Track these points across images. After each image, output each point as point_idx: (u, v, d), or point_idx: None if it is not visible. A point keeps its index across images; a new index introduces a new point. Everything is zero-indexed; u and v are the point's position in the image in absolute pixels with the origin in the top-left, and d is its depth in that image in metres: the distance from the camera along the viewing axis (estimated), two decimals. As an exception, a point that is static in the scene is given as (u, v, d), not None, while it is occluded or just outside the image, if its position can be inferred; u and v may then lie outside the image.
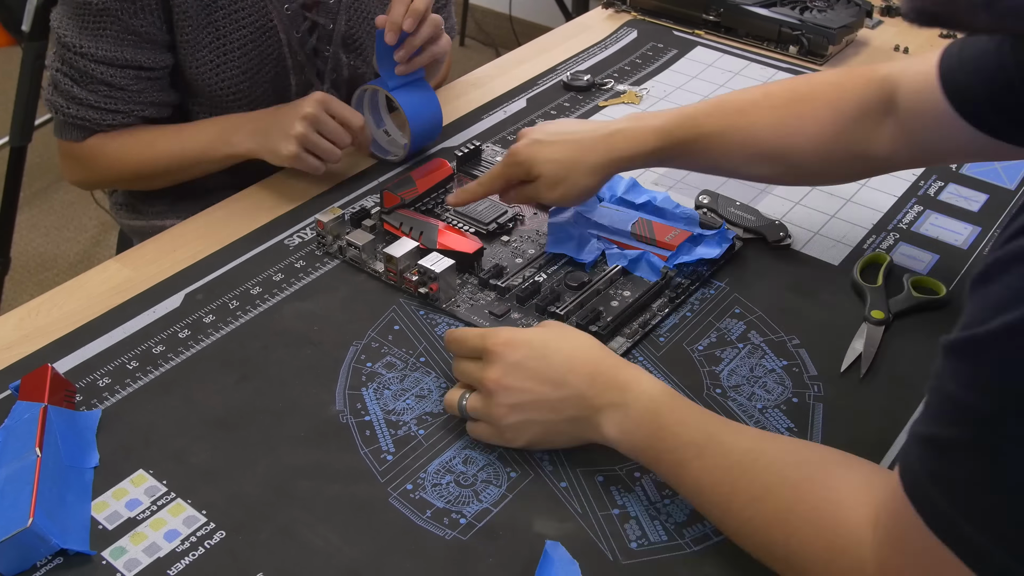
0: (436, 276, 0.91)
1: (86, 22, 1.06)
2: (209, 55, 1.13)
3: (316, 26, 1.18)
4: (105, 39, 1.07)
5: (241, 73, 1.15)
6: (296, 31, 1.16)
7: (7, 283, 2.10)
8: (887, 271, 0.96)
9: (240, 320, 0.91)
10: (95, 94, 1.10)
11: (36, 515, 0.67)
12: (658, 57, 1.41)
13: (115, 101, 1.11)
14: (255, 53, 1.14)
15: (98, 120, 1.12)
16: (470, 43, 3.44)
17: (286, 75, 1.18)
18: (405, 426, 0.81)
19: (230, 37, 1.12)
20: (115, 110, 1.11)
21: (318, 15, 1.17)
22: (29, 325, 0.91)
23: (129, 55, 1.08)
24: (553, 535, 0.72)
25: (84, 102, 1.10)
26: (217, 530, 0.72)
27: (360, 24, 1.22)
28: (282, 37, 1.15)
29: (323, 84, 1.21)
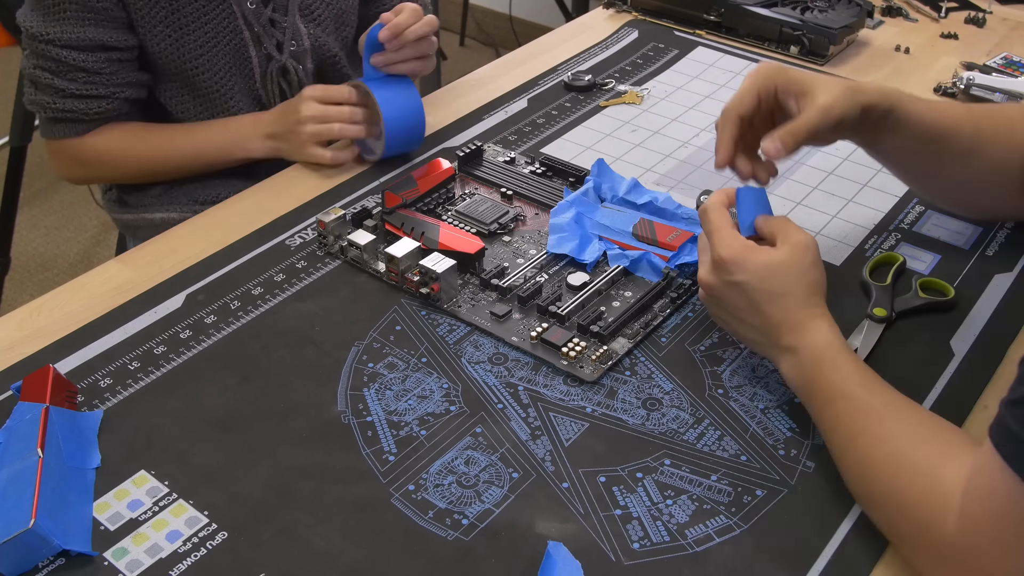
0: (437, 276, 0.91)
1: (47, 9, 1.08)
2: (165, 30, 1.13)
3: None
4: (67, 22, 1.08)
5: (199, 47, 1.15)
6: (249, 2, 1.16)
7: (7, 283, 2.10)
8: (898, 271, 0.96)
9: (241, 320, 0.91)
10: (74, 82, 1.11)
11: (38, 516, 0.67)
12: (659, 57, 1.41)
13: (95, 86, 1.12)
14: (210, 27, 1.15)
15: (84, 109, 1.12)
16: (470, 43, 3.44)
17: (245, 47, 1.19)
18: (407, 427, 0.81)
19: (184, 12, 1.13)
20: (97, 95, 1.12)
21: None
22: (30, 325, 0.91)
23: (92, 34, 1.09)
24: (555, 536, 0.72)
25: (66, 92, 1.11)
26: (219, 531, 0.72)
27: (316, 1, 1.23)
28: (235, 10, 1.16)
29: (282, 55, 1.22)
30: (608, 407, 0.82)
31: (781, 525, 0.73)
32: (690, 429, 0.81)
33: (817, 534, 0.72)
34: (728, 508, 0.74)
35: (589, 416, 0.82)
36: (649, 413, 0.82)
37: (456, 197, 1.07)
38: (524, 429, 0.80)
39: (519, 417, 0.81)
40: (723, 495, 0.75)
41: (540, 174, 1.11)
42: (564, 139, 1.21)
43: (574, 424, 0.81)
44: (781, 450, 0.79)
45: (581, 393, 0.84)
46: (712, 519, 0.73)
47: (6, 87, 2.29)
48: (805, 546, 0.71)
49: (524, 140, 1.20)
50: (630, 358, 0.87)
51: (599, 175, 1.06)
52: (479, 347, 0.88)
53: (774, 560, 0.70)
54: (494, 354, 0.88)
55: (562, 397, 0.83)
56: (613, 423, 0.81)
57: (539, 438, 0.80)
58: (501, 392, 0.84)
